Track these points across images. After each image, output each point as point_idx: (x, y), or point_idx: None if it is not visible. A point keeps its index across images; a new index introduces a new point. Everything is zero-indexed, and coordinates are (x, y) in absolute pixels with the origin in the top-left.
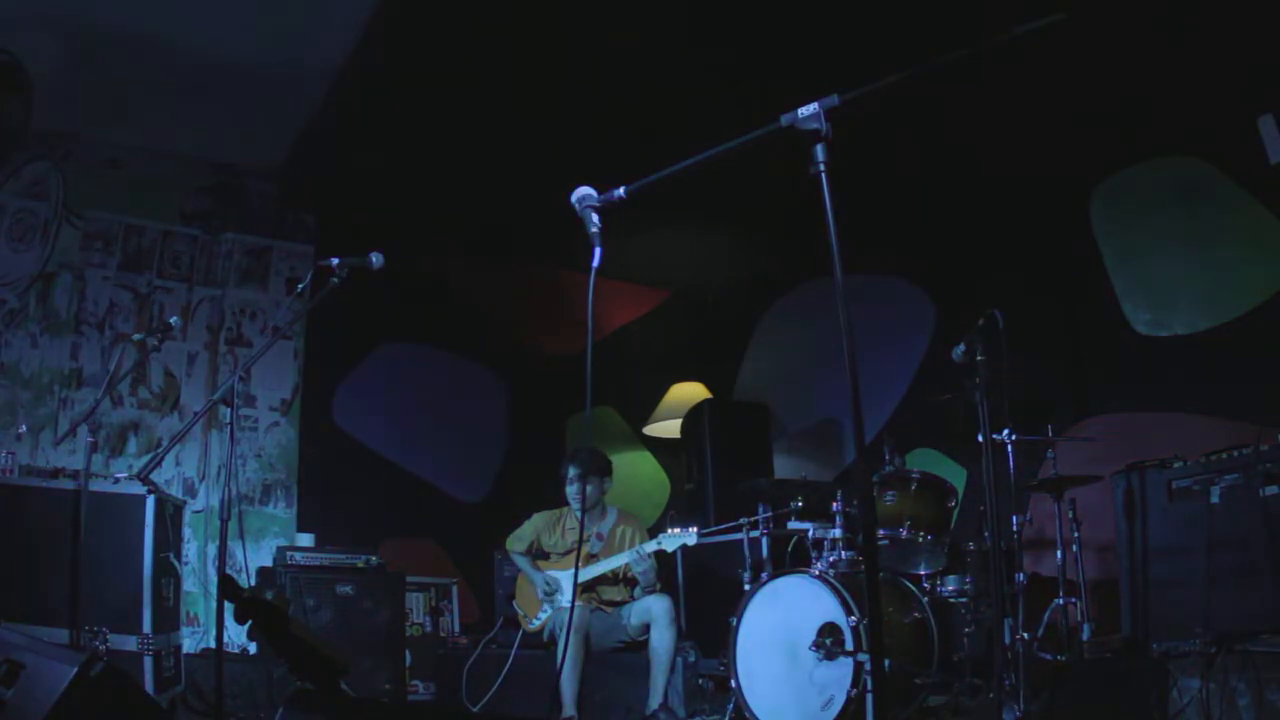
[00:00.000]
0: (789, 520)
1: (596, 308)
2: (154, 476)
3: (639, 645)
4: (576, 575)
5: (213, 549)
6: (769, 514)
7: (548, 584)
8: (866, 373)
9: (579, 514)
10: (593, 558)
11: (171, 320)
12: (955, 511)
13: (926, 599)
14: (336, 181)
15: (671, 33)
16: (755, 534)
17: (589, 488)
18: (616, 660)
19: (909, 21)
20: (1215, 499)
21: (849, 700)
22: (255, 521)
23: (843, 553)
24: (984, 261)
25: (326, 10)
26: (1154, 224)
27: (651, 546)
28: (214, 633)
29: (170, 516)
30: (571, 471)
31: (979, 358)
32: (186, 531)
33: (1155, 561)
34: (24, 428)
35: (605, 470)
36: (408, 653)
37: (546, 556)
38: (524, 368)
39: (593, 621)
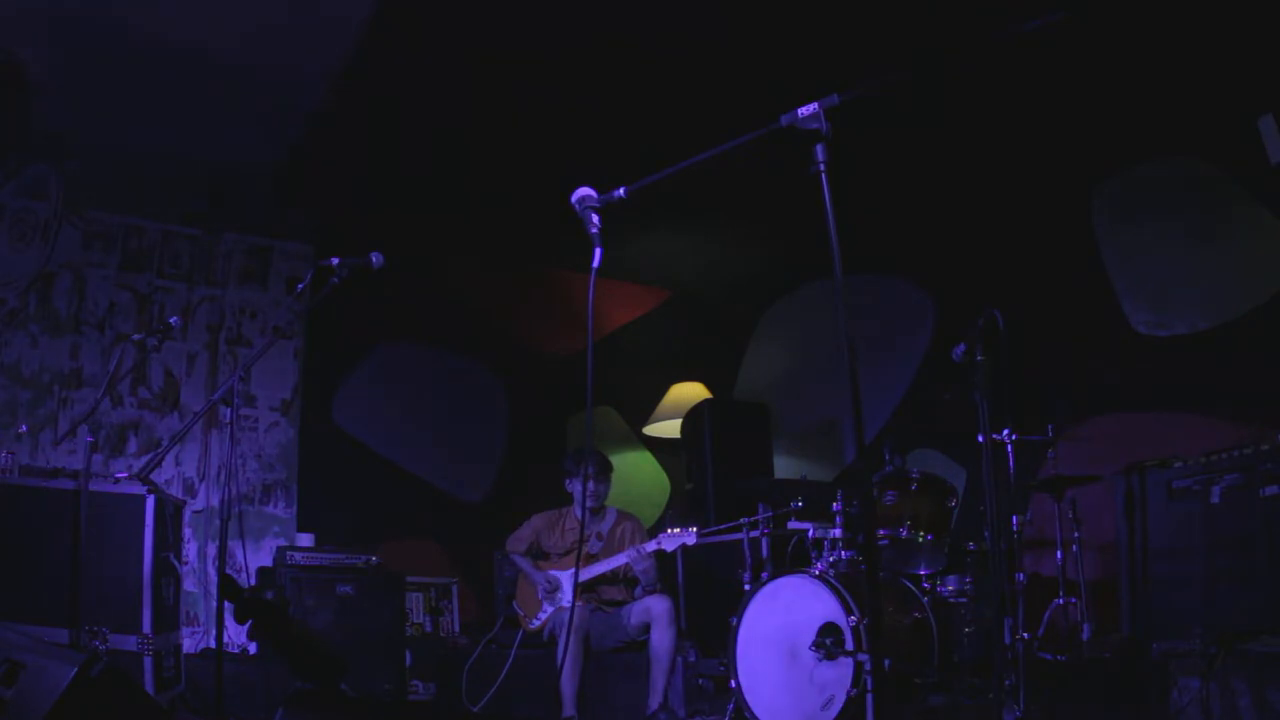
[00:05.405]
0: (789, 520)
1: (596, 308)
2: (154, 476)
3: (639, 645)
4: (577, 575)
5: (213, 549)
6: (769, 514)
7: (548, 582)
8: (866, 373)
9: (580, 514)
10: (592, 558)
11: (171, 320)
12: (955, 511)
13: (926, 599)
14: (336, 181)
15: (671, 32)
16: (755, 534)
17: (603, 486)
18: (616, 660)
19: (909, 21)
20: (1215, 499)
21: (849, 700)
22: (255, 521)
23: (843, 553)
24: (984, 261)
25: (325, 11)
26: (1154, 224)
27: (651, 546)
28: (214, 633)
29: (170, 516)
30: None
31: (979, 358)
32: (186, 531)
33: (1155, 561)
34: (24, 428)
35: (611, 470)
36: (408, 653)
37: (546, 556)
38: (524, 368)
39: (593, 621)
